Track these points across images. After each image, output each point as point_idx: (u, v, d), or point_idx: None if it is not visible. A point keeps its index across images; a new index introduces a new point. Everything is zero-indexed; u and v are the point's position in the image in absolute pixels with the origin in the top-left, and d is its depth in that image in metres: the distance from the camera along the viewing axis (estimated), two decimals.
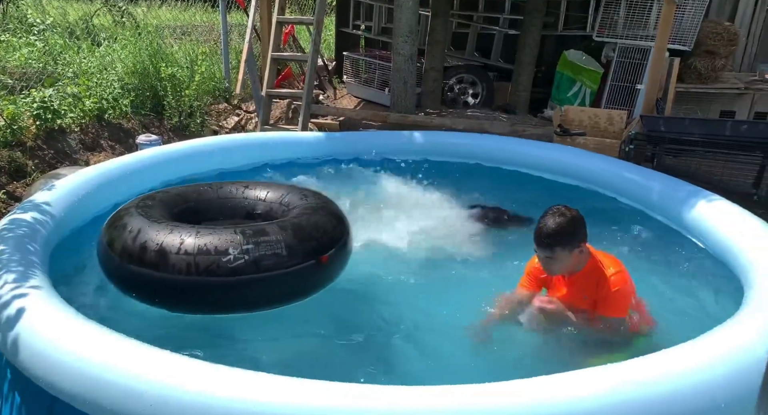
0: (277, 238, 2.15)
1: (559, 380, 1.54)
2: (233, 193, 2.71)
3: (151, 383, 1.55)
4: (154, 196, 2.52)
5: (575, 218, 2.08)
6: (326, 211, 2.46)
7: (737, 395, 1.52)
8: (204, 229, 2.16)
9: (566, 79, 6.46)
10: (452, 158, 4.64)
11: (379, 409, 1.44)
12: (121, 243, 2.16)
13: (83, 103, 4.58)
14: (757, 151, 3.72)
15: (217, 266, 2.04)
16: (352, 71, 7.19)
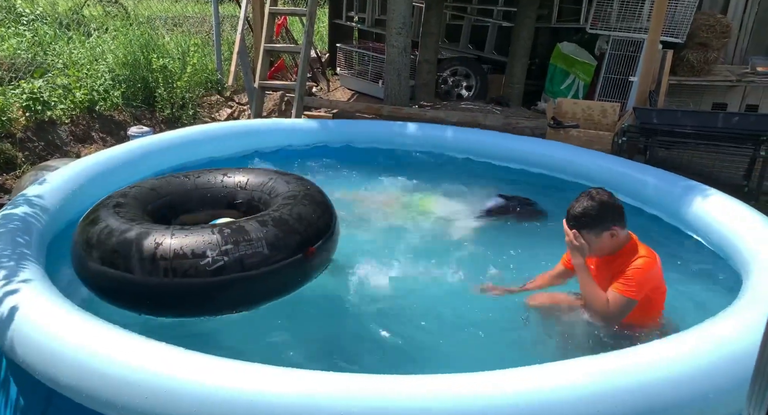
0: (258, 235, 2.03)
1: (547, 369, 1.55)
2: (212, 183, 2.56)
3: (147, 374, 1.55)
4: (126, 193, 2.38)
5: (604, 202, 2.07)
6: (310, 199, 2.32)
7: (725, 386, 1.53)
8: (179, 231, 2.02)
9: (560, 71, 6.46)
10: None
11: (373, 397, 1.45)
12: (95, 246, 2.03)
13: (73, 94, 4.53)
14: (748, 142, 3.75)
15: (195, 269, 1.93)
16: (346, 63, 7.15)
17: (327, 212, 2.33)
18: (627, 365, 1.54)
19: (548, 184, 4.14)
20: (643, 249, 2.12)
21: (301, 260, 2.12)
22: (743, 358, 1.57)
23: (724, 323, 1.73)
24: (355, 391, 1.46)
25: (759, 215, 2.70)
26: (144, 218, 2.21)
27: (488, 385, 1.49)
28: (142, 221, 2.14)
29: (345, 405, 1.42)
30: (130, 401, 1.53)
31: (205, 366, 1.57)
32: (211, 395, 1.48)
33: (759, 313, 1.75)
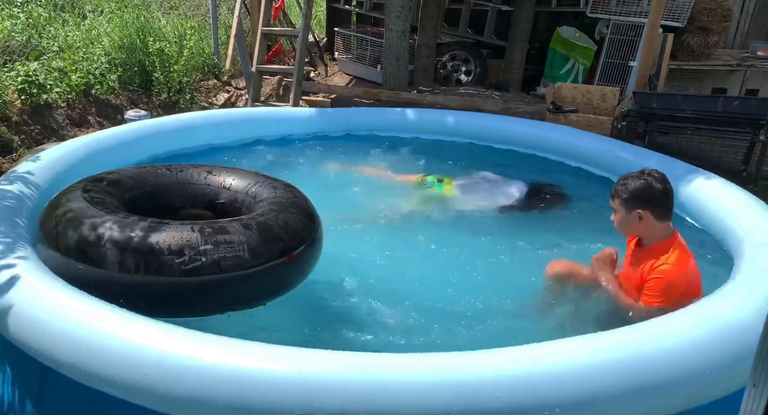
0: (240, 238, 1.93)
1: (546, 346, 1.55)
2: (194, 179, 2.45)
3: (144, 351, 1.55)
4: (103, 178, 2.27)
5: (649, 185, 2.04)
6: (296, 207, 2.22)
7: (724, 362, 1.54)
8: (157, 224, 1.92)
9: (559, 56, 6.42)
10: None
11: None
12: (62, 234, 1.92)
13: (69, 77, 4.49)
14: (747, 127, 3.74)
15: (169, 267, 1.82)
16: (344, 48, 7.10)
17: (312, 222, 2.23)
18: (626, 341, 1.55)
19: (545, 167, 4.13)
20: (675, 255, 2.03)
21: (282, 267, 2.03)
22: (742, 334, 1.58)
23: (723, 301, 1.74)
24: (354, 369, 1.47)
25: (751, 196, 2.72)
26: (120, 208, 2.10)
27: (487, 362, 1.49)
28: (117, 210, 2.02)
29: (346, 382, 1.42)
30: (128, 378, 1.53)
31: (203, 344, 1.57)
32: (210, 372, 1.49)
33: (756, 290, 1.76)
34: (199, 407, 1.47)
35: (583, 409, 1.44)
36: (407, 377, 1.45)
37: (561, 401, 1.42)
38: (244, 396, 1.43)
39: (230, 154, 4.06)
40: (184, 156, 3.88)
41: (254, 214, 2.14)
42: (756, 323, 1.61)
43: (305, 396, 1.40)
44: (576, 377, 1.46)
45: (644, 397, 1.47)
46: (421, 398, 1.40)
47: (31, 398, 1.77)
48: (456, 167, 3.98)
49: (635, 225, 2.09)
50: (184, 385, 1.48)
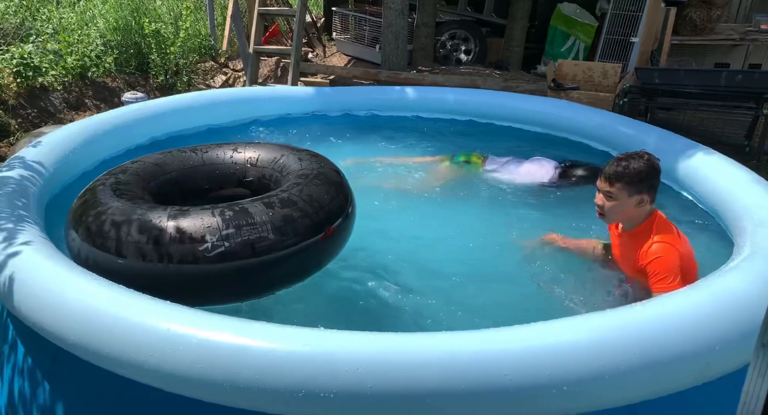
0: (263, 218, 1.85)
1: (552, 325, 1.55)
2: (221, 158, 2.38)
3: (152, 331, 1.55)
4: (126, 169, 2.22)
5: (652, 166, 1.98)
6: (323, 178, 2.11)
7: (731, 338, 1.54)
8: (177, 211, 1.86)
9: (560, 33, 6.34)
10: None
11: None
12: (87, 226, 1.90)
13: (65, 60, 4.44)
14: (750, 101, 3.70)
15: (193, 256, 1.77)
16: (342, 28, 7.01)
17: (341, 193, 2.11)
18: (633, 319, 1.54)
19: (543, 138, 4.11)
20: (665, 228, 2.01)
21: (311, 245, 1.94)
22: (749, 310, 1.57)
23: (729, 277, 1.73)
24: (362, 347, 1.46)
25: (752, 173, 2.70)
26: (145, 197, 2.06)
27: (495, 341, 1.49)
28: (140, 200, 1.99)
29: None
30: (136, 358, 1.53)
31: (210, 324, 1.57)
32: (216, 352, 1.49)
33: (762, 266, 1.76)
34: (206, 387, 1.47)
35: (590, 386, 1.44)
36: (413, 356, 1.45)
37: (568, 378, 1.41)
38: (254, 375, 1.43)
39: (232, 134, 4.03)
40: (184, 138, 3.86)
41: (277, 190, 2.06)
42: (762, 298, 1.61)
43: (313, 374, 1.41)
44: (583, 355, 1.45)
45: (652, 374, 1.46)
46: (427, 376, 1.40)
47: (43, 377, 1.78)
48: (469, 147, 3.95)
49: (630, 210, 2.01)
50: (189, 364, 1.48)
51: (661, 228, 2.01)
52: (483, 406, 1.40)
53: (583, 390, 1.42)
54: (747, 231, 2.16)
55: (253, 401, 1.45)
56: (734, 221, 2.40)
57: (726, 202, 2.59)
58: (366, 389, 1.37)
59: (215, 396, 1.48)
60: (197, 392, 1.50)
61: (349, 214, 2.12)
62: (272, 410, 1.45)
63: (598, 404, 1.46)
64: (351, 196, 2.18)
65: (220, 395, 1.46)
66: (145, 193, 2.11)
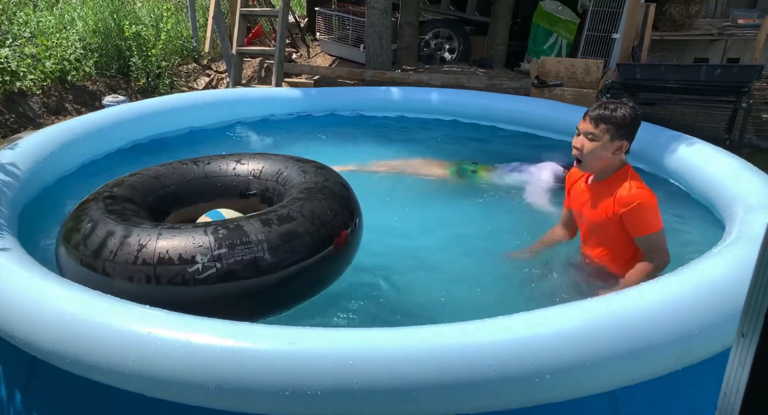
0: (259, 237, 1.74)
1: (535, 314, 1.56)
2: (223, 171, 2.26)
3: (131, 337, 1.53)
4: (122, 182, 2.13)
5: (636, 114, 1.97)
6: (327, 193, 1.98)
7: (712, 323, 1.55)
8: (167, 229, 1.76)
9: (542, 30, 6.38)
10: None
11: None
12: (75, 243, 1.82)
13: (43, 64, 4.38)
14: (730, 95, 3.75)
15: (182, 277, 1.67)
16: (326, 28, 6.99)
17: (346, 209, 1.99)
18: (615, 305, 1.55)
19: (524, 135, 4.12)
20: (636, 180, 2.01)
21: (312, 264, 1.83)
22: (731, 294, 1.59)
23: (710, 262, 1.75)
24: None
25: (739, 159, 2.74)
26: (139, 212, 1.97)
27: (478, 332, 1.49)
28: (131, 216, 1.89)
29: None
30: (116, 365, 1.51)
31: (191, 326, 1.55)
32: (199, 355, 1.47)
33: (744, 252, 1.77)
34: (189, 390, 1.45)
35: (573, 374, 1.45)
36: (398, 349, 1.44)
37: (551, 367, 1.42)
38: (237, 377, 1.41)
39: (215, 137, 4.00)
40: (166, 141, 3.82)
41: (277, 206, 1.94)
42: (744, 284, 1.63)
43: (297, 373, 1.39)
44: (564, 343, 1.46)
45: (634, 359, 1.48)
46: (414, 369, 1.39)
47: (19, 387, 1.75)
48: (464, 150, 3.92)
49: (608, 156, 1.99)
50: (171, 369, 1.45)
51: (635, 176, 2.02)
52: (468, 397, 1.40)
53: (565, 378, 1.43)
54: (737, 217, 2.18)
55: (237, 402, 1.44)
56: (725, 207, 2.43)
57: (717, 188, 2.62)
58: (353, 385, 1.36)
59: (200, 399, 1.46)
60: (180, 396, 1.48)
61: (354, 230, 2.00)
62: (257, 410, 1.44)
63: (580, 391, 1.47)
64: (357, 211, 2.06)
65: (205, 397, 1.44)
66: (141, 208, 2.01)
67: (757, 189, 2.36)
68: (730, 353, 0.69)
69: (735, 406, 0.63)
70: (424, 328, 1.50)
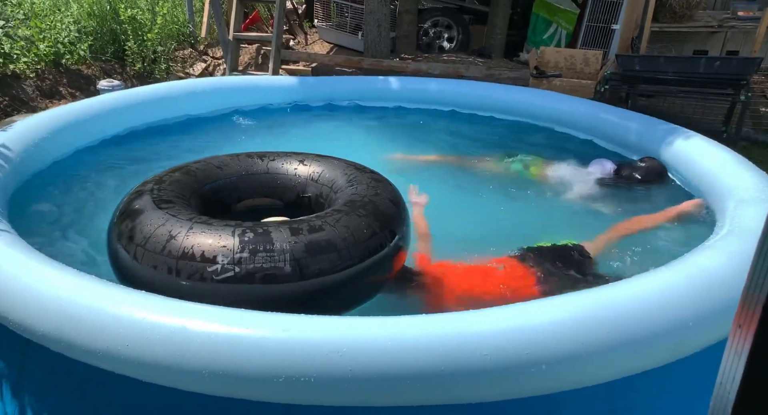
0: (283, 247, 1.67)
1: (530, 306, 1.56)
2: (285, 169, 2.22)
3: (126, 322, 1.52)
4: (185, 167, 2.12)
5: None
6: (371, 209, 1.85)
7: (706, 314, 1.56)
8: (200, 224, 1.73)
9: (542, 20, 6.34)
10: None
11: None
12: (119, 225, 1.84)
13: (37, 47, 4.32)
14: (728, 87, 3.74)
15: (200, 275, 1.65)
16: (324, 14, 6.93)
17: (387, 228, 1.84)
18: (608, 298, 1.56)
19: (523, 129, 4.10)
20: None
21: (334, 283, 1.72)
22: (723, 287, 1.60)
23: (704, 255, 1.75)
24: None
25: (732, 152, 2.74)
26: (190, 201, 1.95)
27: (473, 322, 1.50)
28: (176, 204, 1.87)
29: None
30: (111, 349, 1.50)
31: (185, 312, 1.54)
32: (193, 340, 1.46)
33: (737, 245, 1.78)
34: (184, 375, 1.45)
35: (568, 364, 1.45)
36: (393, 338, 1.44)
37: (546, 357, 1.42)
38: (232, 363, 1.41)
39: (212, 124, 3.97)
40: (163, 128, 3.79)
41: (313, 216, 1.84)
42: (737, 276, 1.64)
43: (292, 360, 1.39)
44: (561, 334, 1.46)
45: (628, 351, 1.48)
46: (407, 357, 1.40)
47: (14, 370, 1.75)
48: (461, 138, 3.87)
49: None
50: (165, 353, 1.45)
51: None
52: (463, 386, 1.40)
53: (561, 369, 1.43)
54: (728, 211, 2.19)
55: (231, 388, 1.44)
56: (718, 201, 2.44)
57: (710, 182, 2.62)
58: (346, 373, 1.36)
59: (193, 384, 1.46)
60: (175, 381, 1.48)
61: (390, 254, 1.85)
62: (252, 396, 1.44)
63: (576, 382, 1.48)
64: (401, 231, 1.92)
65: (199, 383, 1.45)
66: (194, 196, 1.99)
67: (749, 183, 2.37)
68: (727, 342, 0.69)
69: (731, 395, 0.63)
70: (419, 317, 1.50)
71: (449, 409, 1.46)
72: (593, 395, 1.53)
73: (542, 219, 2.82)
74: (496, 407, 1.48)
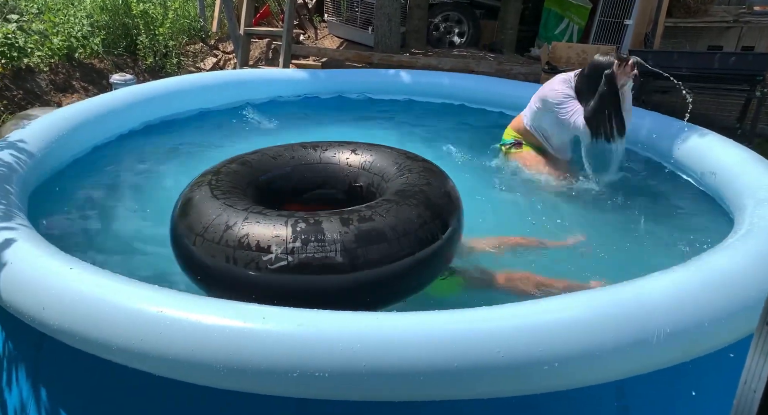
0: (334, 237, 1.67)
1: (548, 302, 1.56)
2: (337, 158, 2.22)
3: (140, 316, 1.53)
4: (241, 158, 2.15)
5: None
6: (422, 198, 1.83)
7: (721, 315, 1.54)
8: (255, 215, 1.76)
9: (554, 15, 6.28)
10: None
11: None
12: (179, 213, 1.87)
13: (51, 41, 4.35)
14: (743, 83, 3.69)
15: (255, 265, 1.68)
16: (334, 9, 6.90)
17: (438, 218, 1.82)
18: (622, 296, 1.55)
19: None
20: None
21: (385, 274, 1.72)
22: (741, 287, 1.58)
23: (722, 254, 1.73)
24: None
25: (750, 151, 2.71)
26: (246, 191, 1.99)
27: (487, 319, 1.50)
28: (233, 195, 1.90)
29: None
30: (125, 344, 1.51)
31: (200, 306, 1.55)
32: (208, 335, 1.47)
33: (756, 244, 1.76)
34: (197, 370, 1.46)
35: (581, 362, 1.45)
36: (406, 334, 1.44)
37: (559, 355, 1.42)
38: (246, 357, 1.42)
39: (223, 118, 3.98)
40: (176, 122, 3.82)
41: (363, 206, 1.83)
42: (756, 276, 1.62)
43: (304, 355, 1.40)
44: (573, 332, 1.46)
45: (640, 350, 1.48)
46: (420, 354, 1.40)
47: (28, 364, 1.77)
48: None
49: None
50: (180, 348, 1.46)
51: None
52: (476, 383, 1.40)
53: (573, 367, 1.43)
54: (747, 210, 2.17)
55: (245, 382, 1.45)
56: (735, 200, 2.41)
57: (726, 181, 2.60)
58: (360, 368, 1.36)
59: (208, 379, 1.47)
60: (190, 376, 1.49)
61: (442, 246, 1.83)
62: (265, 391, 1.45)
63: (587, 380, 1.48)
64: (453, 222, 1.89)
65: (213, 378, 1.46)
66: (250, 187, 2.02)
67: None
68: (752, 341, 0.69)
69: (756, 394, 0.63)
70: (433, 313, 1.50)
71: (460, 404, 1.47)
72: (605, 393, 1.53)
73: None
74: (508, 403, 1.48)
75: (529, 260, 2.33)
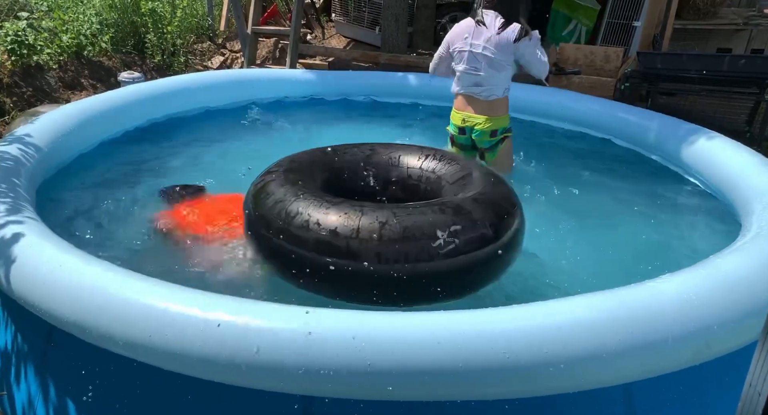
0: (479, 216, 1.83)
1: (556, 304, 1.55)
2: (386, 159, 2.34)
3: (148, 312, 1.54)
4: (306, 153, 2.25)
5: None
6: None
7: (730, 318, 1.54)
8: (358, 207, 1.83)
9: (562, 17, 6.26)
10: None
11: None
12: (256, 209, 1.94)
13: (60, 38, 4.37)
14: (752, 86, 3.67)
15: (427, 252, 1.74)
16: (341, 9, 6.91)
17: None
18: (630, 298, 1.54)
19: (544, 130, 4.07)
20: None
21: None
22: (749, 291, 1.58)
23: (730, 257, 1.73)
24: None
25: (758, 155, 2.69)
26: (316, 183, 2.09)
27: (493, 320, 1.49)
28: (303, 189, 1.97)
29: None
30: (134, 337, 1.53)
31: (208, 303, 1.56)
32: (215, 331, 1.48)
33: (765, 247, 1.75)
34: (205, 365, 1.47)
35: (588, 365, 1.44)
36: (412, 334, 1.44)
37: (565, 357, 1.42)
38: (255, 354, 1.42)
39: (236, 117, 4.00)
40: (182, 120, 3.83)
41: (456, 198, 1.99)
42: (764, 279, 1.61)
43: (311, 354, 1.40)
44: (580, 334, 1.45)
45: (649, 353, 1.47)
46: (426, 354, 1.40)
47: (37, 356, 1.78)
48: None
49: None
50: (188, 343, 1.47)
51: None
52: (481, 384, 1.40)
53: (579, 369, 1.43)
54: (755, 213, 2.15)
55: (254, 379, 1.46)
56: (743, 203, 2.40)
57: (735, 184, 2.58)
58: (365, 367, 1.37)
59: (217, 375, 1.48)
60: (197, 371, 1.50)
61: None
62: (269, 387, 1.46)
63: (594, 383, 1.47)
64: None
65: (222, 373, 1.46)
66: (319, 183, 2.12)
67: None
68: (758, 343, 0.69)
69: (761, 397, 0.63)
70: (439, 314, 1.50)
71: (465, 405, 1.47)
72: (611, 397, 1.53)
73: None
74: (513, 405, 1.48)
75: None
